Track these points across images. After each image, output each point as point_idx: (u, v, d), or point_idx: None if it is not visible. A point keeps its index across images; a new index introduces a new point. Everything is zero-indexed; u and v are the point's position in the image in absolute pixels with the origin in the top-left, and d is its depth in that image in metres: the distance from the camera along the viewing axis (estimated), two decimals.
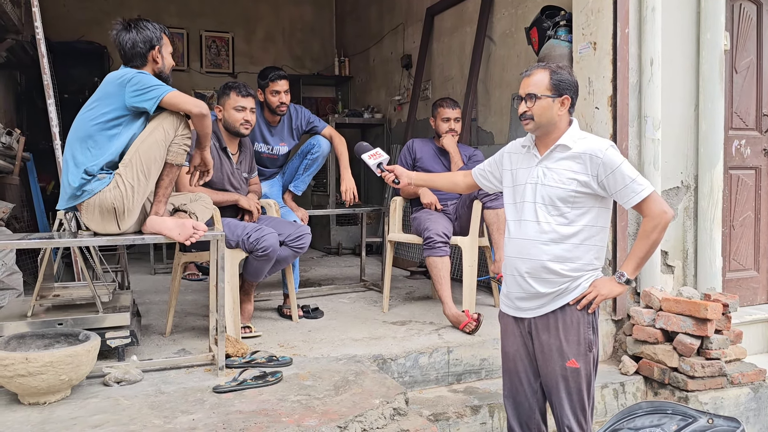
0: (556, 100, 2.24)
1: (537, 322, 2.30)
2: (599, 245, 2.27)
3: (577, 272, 2.26)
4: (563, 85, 2.24)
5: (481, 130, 5.16)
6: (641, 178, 2.18)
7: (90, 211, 2.54)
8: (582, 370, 2.26)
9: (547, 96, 2.23)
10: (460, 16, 5.44)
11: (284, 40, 8.00)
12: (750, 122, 4.10)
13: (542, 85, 2.24)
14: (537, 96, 2.24)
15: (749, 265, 4.15)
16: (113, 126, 2.54)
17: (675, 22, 3.66)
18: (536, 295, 2.28)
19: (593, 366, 2.29)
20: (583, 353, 2.25)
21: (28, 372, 2.28)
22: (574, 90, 2.27)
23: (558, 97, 2.24)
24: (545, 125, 2.27)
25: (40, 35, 3.62)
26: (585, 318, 2.25)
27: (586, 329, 2.25)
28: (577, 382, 2.26)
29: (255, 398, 2.45)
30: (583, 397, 2.27)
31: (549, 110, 2.24)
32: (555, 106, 2.24)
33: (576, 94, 2.30)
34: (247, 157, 3.60)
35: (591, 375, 2.28)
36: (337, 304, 4.12)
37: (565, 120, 2.29)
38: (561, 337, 2.26)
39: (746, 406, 3.26)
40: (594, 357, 2.28)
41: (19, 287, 3.59)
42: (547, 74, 2.24)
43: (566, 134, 2.27)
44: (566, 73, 2.27)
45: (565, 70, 2.28)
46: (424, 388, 3.11)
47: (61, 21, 6.70)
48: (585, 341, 2.25)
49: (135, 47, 2.65)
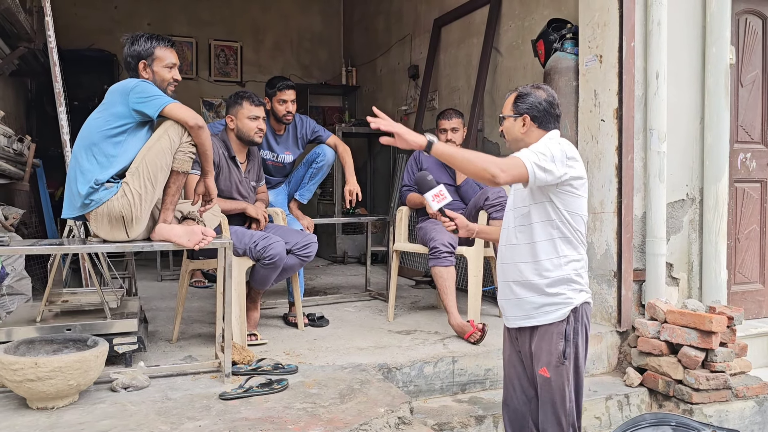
0: (518, 119, 2.35)
1: (518, 331, 2.39)
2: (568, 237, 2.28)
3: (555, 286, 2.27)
4: (523, 106, 2.34)
5: (487, 141, 5.18)
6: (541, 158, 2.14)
7: (99, 219, 2.58)
8: (552, 380, 2.26)
9: (509, 116, 2.38)
10: (467, 28, 5.48)
11: (292, 49, 8.06)
12: (756, 135, 4.11)
13: (507, 107, 2.39)
14: (503, 117, 2.40)
15: (754, 278, 4.15)
16: (118, 134, 2.59)
17: (681, 36, 3.68)
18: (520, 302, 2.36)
19: (568, 378, 2.26)
20: (554, 364, 2.26)
21: (37, 377, 2.30)
22: (536, 109, 2.32)
23: (519, 117, 2.35)
24: (512, 142, 2.40)
25: (52, 44, 3.67)
26: (558, 328, 2.26)
27: (558, 340, 2.25)
28: (549, 392, 2.28)
29: (261, 405, 2.47)
30: (557, 409, 2.27)
31: (512, 129, 2.38)
32: (516, 125, 2.36)
33: (542, 112, 2.33)
34: (255, 166, 3.64)
35: (564, 387, 2.26)
36: (343, 312, 4.13)
37: (535, 136, 2.34)
38: (534, 344, 2.32)
39: (751, 419, 3.25)
40: (567, 369, 2.26)
41: (28, 293, 3.62)
42: (513, 96, 2.39)
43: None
44: (533, 93, 2.34)
45: (533, 91, 2.35)
46: (429, 397, 3.12)
47: (71, 29, 6.77)
48: (556, 351, 2.26)
49: (126, 60, 2.77)
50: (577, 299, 2.27)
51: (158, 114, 2.57)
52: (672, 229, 3.70)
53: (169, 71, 2.79)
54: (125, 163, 2.59)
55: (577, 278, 2.28)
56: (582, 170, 2.28)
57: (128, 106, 2.57)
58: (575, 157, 2.26)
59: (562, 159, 2.20)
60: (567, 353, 2.24)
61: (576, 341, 2.27)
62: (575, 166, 2.24)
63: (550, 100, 2.34)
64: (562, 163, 2.20)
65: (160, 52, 2.76)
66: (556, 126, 2.37)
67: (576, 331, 2.27)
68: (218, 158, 3.34)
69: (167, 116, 2.59)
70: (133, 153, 2.60)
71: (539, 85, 2.41)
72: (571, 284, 2.27)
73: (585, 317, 2.31)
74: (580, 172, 2.26)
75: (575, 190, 2.27)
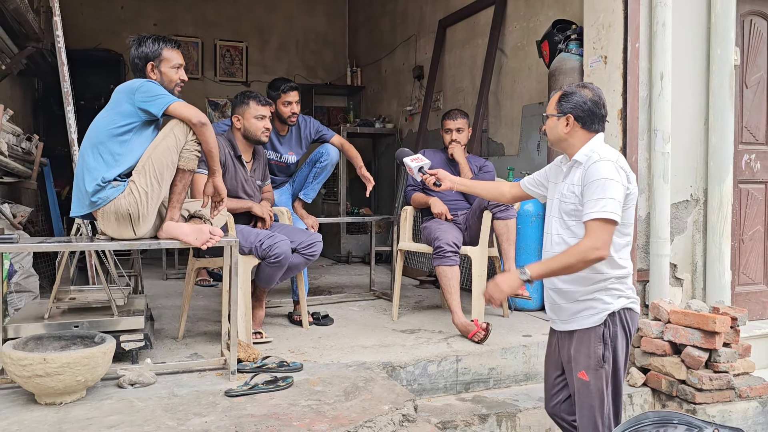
0: (561, 118, 2.33)
1: (560, 334, 2.42)
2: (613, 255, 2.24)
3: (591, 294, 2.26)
4: (567, 105, 2.32)
5: (491, 141, 5.20)
6: (612, 204, 2.12)
7: (106, 217, 2.60)
8: (591, 384, 2.26)
9: (552, 115, 2.36)
10: (472, 29, 5.49)
11: (297, 50, 8.09)
12: (760, 137, 4.11)
13: (552, 105, 2.38)
14: (547, 116, 2.39)
15: (758, 279, 4.15)
16: (124, 132, 2.62)
17: (685, 37, 3.69)
18: (558, 307, 2.37)
19: (606, 382, 2.25)
20: (593, 367, 2.25)
21: (45, 372, 2.33)
22: (581, 108, 2.30)
23: (563, 116, 2.33)
24: (555, 142, 2.39)
25: (61, 44, 3.70)
26: (596, 332, 2.26)
27: (597, 343, 2.25)
28: (588, 396, 2.27)
29: (266, 402, 2.49)
30: (595, 413, 2.26)
31: (555, 128, 2.36)
32: (560, 125, 2.34)
33: (586, 112, 2.30)
34: (261, 166, 3.66)
35: (603, 391, 2.25)
36: (347, 311, 4.15)
37: (579, 137, 2.32)
38: (573, 347, 2.32)
39: (754, 419, 3.26)
40: (606, 373, 2.25)
41: (36, 290, 3.65)
42: (558, 95, 2.37)
43: (580, 150, 2.32)
44: (578, 92, 2.31)
45: (579, 90, 2.33)
46: (433, 396, 3.14)
47: (78, 29, 6.81)
48: (594, 355, 2.25)
49: (133, 61, 2.80)
50: (615, 304, 2.24)
51: (163, 113, 2.60)
52: (676, 230, 3.71)
53: (176, 72, 2.82)
54: (132, 162, 2.62)
55: (614, 286, 2.25)
56: (633, 185, 2.26)
57: (134, 105, 2.61)
58: (627, 169, 2.25)
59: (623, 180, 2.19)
60: (606, 356, 2.23)
61: (615, 345, 2.25)
62: (628, 178, 2.23)
63: (596, 99, 2.30)
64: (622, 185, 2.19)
65: (167, 54, 2.79)
66: (602, 127, 2.34)
67: (615, 335, 2.25)
68: (224, 157, 3.37)
69: (172, 115, 2.62)
70: (139, 152, 2.63)
71: (585, 84, 2.39)
72: (609, 291, 2.25)
73: (626, 322, 2.28)
74: (632, 189, 2.25)
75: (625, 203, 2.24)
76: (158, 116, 2.64)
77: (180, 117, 2.63)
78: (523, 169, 4.56)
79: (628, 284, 2.30)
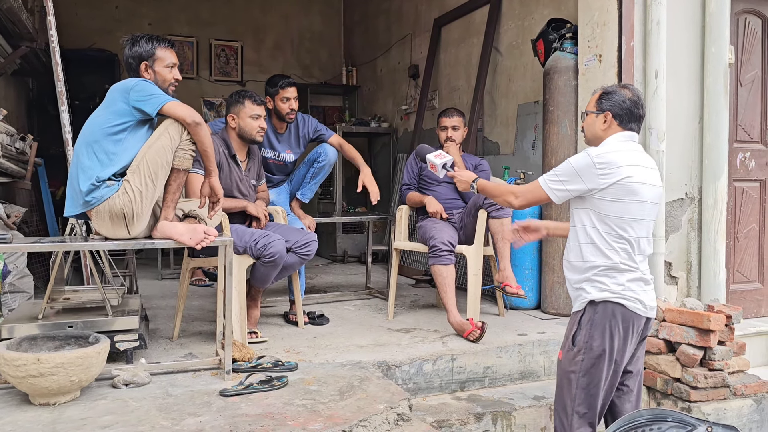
0: (599, 115, 2.40)
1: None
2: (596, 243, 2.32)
3: (580, 283, 2.36)
4: (607, 104, 2.38)
5: (487, 140, 5.20)
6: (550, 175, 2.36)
7: (100, 217, 2.59)
8: (563, 363, 2.37)
9: (591, 112, 2.43)
10: (467, 28, 5.49)
11: (293, 49, 8.08)
12: (755, 135, 4.12)
13: (592, 103, 2.45)
14: (586, 113, 2.47)
15: (753, 277, 4.16)
16: (118, 131, 2.61)
17: (680, 36, 3.70)
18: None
19: (578, 368, 2.31)
20: (566, 348, 2.37)
21: (39, 373, 2.32)
22: (620, 107, 2.36)
23: (601, 113, 2.39)
24: (592, 139, 2.45)
25: (54, 44, 3.69)
26: (576, 316, 2.37)
27: (573, 325, 2.37)
28: (559, 375, 2.39)
29: (261, 402, 2.49)
30: (563, 394, 2.35)
31: (593, 125, 2.43)
32: (598, 122, 2.40)
33: (625, 110, 2.36)
34: (256, 165, 3.65)
35: (570, 374, 2.33)
36: (343, 311, 4.15)
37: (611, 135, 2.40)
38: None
39: (749, 417, 3.26)
40: (578, 359, 2.31)
41: (30, 290, 3.63)
42: (599, 93, 2.44)
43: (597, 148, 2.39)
44: (618, 92, 2.39)
45: (619, 89, 2.40)
46: (428, 395, 3.14)
47: (73, 29, 6.79)
48: (569, 335, 2.37)
49: (127, 61, 2.79)
50: (595, 295, 2.31)
51: (157, 112, 2.60)
52: (671, 228, 3.71)
53: (170, 71, 2.81)
54: (126, 161, 2.61)
55: (598, 278, 2.31)
56: (621, 173, 2.27)
57: (128, 104, 2.60)
58: (611, 163, 2.27)
59: (585, 173, 2.27)
60: (576, 339, 2.32)
61: (592, 334, 2.29)
62: (614, 173, 2.26)
63: (635, 99, 2.37)
64: (581, 176, 2.28)
65: (161, 53, 2.79)
66: (637, 127, 2.40)
67: (593, 324, 2.30)
68: (218, 157, 3.36)
69: (166, 114, 2.62)
70: (133, 151, 2.62)
71: (626, 84, 2.47)
72: (592, 282, 2.32)
73: (611, 315, 2.29)
74: (617, 177, 2.26)
75: (614, 195, 2.27)
76: (153, 116, 2.63)
77: (174, 116, 2.62)
78: (519, 168, 4.57)
79: (619, 281, 2.30)
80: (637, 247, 2.32)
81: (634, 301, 2.30)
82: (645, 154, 2.42)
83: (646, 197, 2.31)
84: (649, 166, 2.36)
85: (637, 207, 2.29)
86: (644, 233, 2.33)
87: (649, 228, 2.36)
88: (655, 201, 2.36)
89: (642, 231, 2.32)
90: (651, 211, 2.35)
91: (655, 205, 2.38)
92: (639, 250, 2.33)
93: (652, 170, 2.36)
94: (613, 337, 2.29)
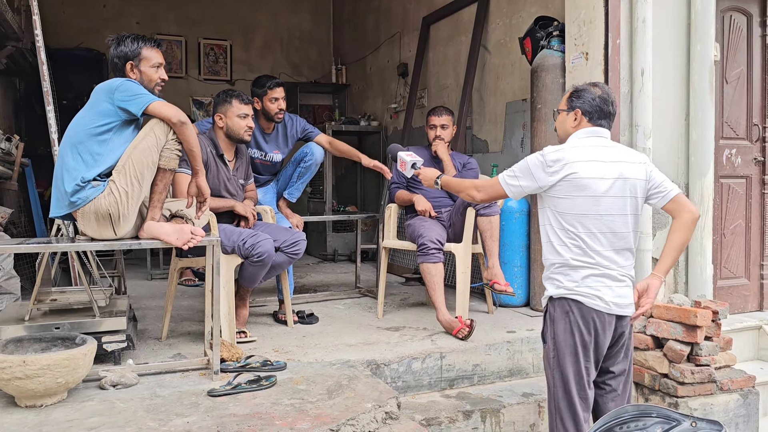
0: (570, 113, 2.44)
1: None
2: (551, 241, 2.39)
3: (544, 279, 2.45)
4: (577, 101, 2.42)
5: (476, 138, 5.21)
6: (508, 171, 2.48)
7: (86, 217, 2.58)
8: (543, 358, 2.48)
9: (563, 110, 2.47)
10: (455, 26, 5.50)
11: (282, 48, 8.06)
12: (741, 132, 4.15)
13: (563, 102, 2.49)
14: (557, 111, 2.52)
15: (740, 273, 4.19)
16: (103, 132, 2.60)
17: (666, 34, 3.71)
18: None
19: (549, 363, 2.39)
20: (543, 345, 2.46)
21: (25, 375, 2.31)
22: (589, 104, 2.39)
23: (572, 111, 2.43)
24: (564, 136, 2.49)
25: (40, 43, 3.67)
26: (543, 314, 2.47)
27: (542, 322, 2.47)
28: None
29: (249, 402, 2.49)
30: (548, 389, 2.44)
31: (564, 123, 2.49)
32: (569, 119, 2.45)
33: (594, 108, 2.39)
34: (244, 164, 3.64)
35: (546, 368, 2.41)
36: (333, 310, 4.15)
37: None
38: None
39: (735, 412, 3.29)
40: (549, 355, 2.39)
41: (17, 292, 3.62)
42: (569, 92, 2.48)
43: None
44: (588, 90, 2.42)
45: (589, 87, 2.43)
46: (417, 393, 3.15)
47: (60, 28, 6.75)
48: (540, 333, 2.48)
49: (113, 61, 2.78)
50: (552, 292, 2.38)
51: (142, 112, 2.58)
52: (658, 225, 3.73)
53: (156, 71, 2.80)
54: (111, 162, 2.60)
55: (554, 276, 2.38)
56: (568, 169, 2.30)
57: (113, 104, 2.59)
58: (560, 160, 2.31)
59: (536, 170, 2.34)
60: (545, 336, 2.41)
61: (554, 329, 2.36)
62: (561, 169, 2.29)
63: (605, 97, 2.40)
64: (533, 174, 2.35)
65: (146, 53, 2.77)
66: (607, 124, 2.41)
67: (553, 320, 2.37)
68: (206, 156, 3.35)
69: (152, 114, 2.60)
70: (119, 151, 2.61)
71: (596, 83, 2.49)
72: (550, 280, 2.41)
73: (570, 312, 2.33)
74: (564, 174, 2.29)
75: (563, 191, 2.31)
76: (138, 115, 2.62)
77: (160, 116, 2.61)
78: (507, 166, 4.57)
79: (574, 278, 2.32)
80: (592, 242, 2.30)
81: (592, 298, 2.30)
82: (612, 149, 2.39)
83: (601, 191, 2.29)
84: (612, 160, 2.33)
85: (588, 202, 2.29)
86: (606, 228, 2.30)
87: (614, 223, 2.31)
88: (620, 195, 2.32)
89: (600, 226, 2.30)
90: (614, 205, 2.31)
91: (626, 199, 2.33)
92: (598, 246, 2.30)
93: (616, 164, 2.33)
94: (574, 333, 2.31)
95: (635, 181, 2.36)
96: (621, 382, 2.41)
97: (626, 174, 2.33)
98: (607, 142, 2.40)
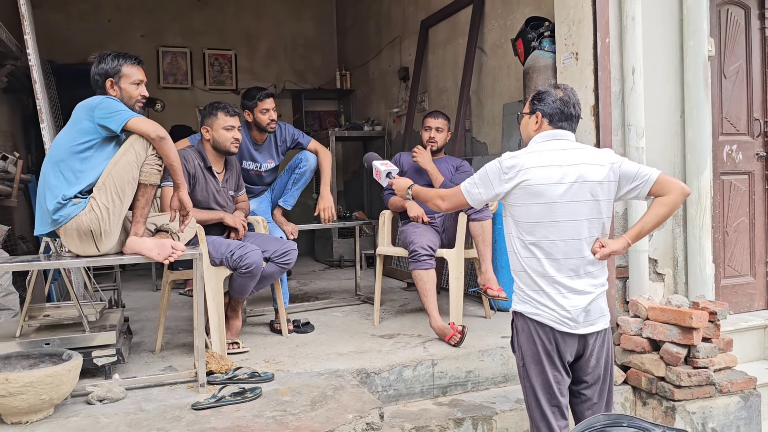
0: (531, 116, 2.40)
1: None
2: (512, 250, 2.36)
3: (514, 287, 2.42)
4: (539, 104, 2.37)
5: (475, 140, 5.18)
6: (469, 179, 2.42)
7: (69, 234, 2.62)
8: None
9: (525, 113, 2.44)
10: (452, 29, 5.47)
11: (286, 55, 8.09)
12: (741, 127, 4.07)
13: (526, 106, 2.45)
14: (521, 115, 2.48)
15: (745, 270, 4.10)
16: (84, 149, 2.63)
17: (657, 30, 3.65)
18: None
19: (520, 372, 2.38)
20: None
21: (8, 392, 2.34)
22: (550, 106, 2.34)
23: (533, 114, 2.39)
24: (526, 139, 2.45)
25: (33, 62, 3.72)
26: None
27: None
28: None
29: (231, 414, 2.49)
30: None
31: (526, 126, 2.45)
32: (530, 122, 2.41)
33: (555, 110, 2.34)
34: (234, 176, 3.65)
35: (519, 377, 2.40)
36: (330, 317, 4.15)
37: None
38: None
39: (736, 415, 3.22)
40: (519, 363, 2.38)
41: (16, 307, 3.66)
42: (532, 96, 2.43)
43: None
44: (550, 92, 2.37)
45: (551, 89, 2.39)
46: (409, 401, 3.12)
47: (66, 44, 6.83)
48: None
49: (93, 78, 2.81)
50: (515, 300, 2.38)
51: (122, 128, 2.61)
52: None
53: (137, 88, 2.82)
54: (92, 179, 2.63)
55: (518, 288, 2.36)
56: (521, 176, 2.24)
57: (93, 121, 2.62)
58: (514, 166, 2.26)
59: (493, 177, 2.30)
60: (513, 346, 2.42)
61: (519, 338, 2.36)
62: (516, 176, 2.25)
63: (566, 99, 2.35)
64: (491, 181, 2.31)
65: (126, 70, 2.80)
66: (569, 126, 2.35)
67: (517, 329, 2.37)
68: (194, 169, 3.37)
69: (131, 130, 2.63)
70: (100, 168, 2.64)
71: (559, 84, 2.46)
72: (516, 292, 2.38)
73: (527, 320, 2.31)
74: (517, 181, 2.25)
75: (519, 199, 2.27)
76: (117, 132, 2.65)
77: (139, 132, 2.64)
78: None
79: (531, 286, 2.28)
80: (551, 251, 2.24)
81: (549, 312, 2.26)
82: (573, 151, 2.29)
83: (555, 197, 2.22)
84: (571, 163, 2.24)
85: (543, 209, 2.23)
86: (566, 235, 2.23)
87: (572, 229, 2.23)
88: (578, 199, 2.22)
89: (559, 233, 2.23)
90: (573, 211, 2.22)
91: (585, 203, 2.24)
92: (558, 254, 2.23)
93: (575, 167, 2.23)
94: (536, 342, 2.28)
95: (594, 184, 2.24)
96: (596, 390, 2.35)
97: (586, 176, 2.23)
98: (567, 145, 2.31)
